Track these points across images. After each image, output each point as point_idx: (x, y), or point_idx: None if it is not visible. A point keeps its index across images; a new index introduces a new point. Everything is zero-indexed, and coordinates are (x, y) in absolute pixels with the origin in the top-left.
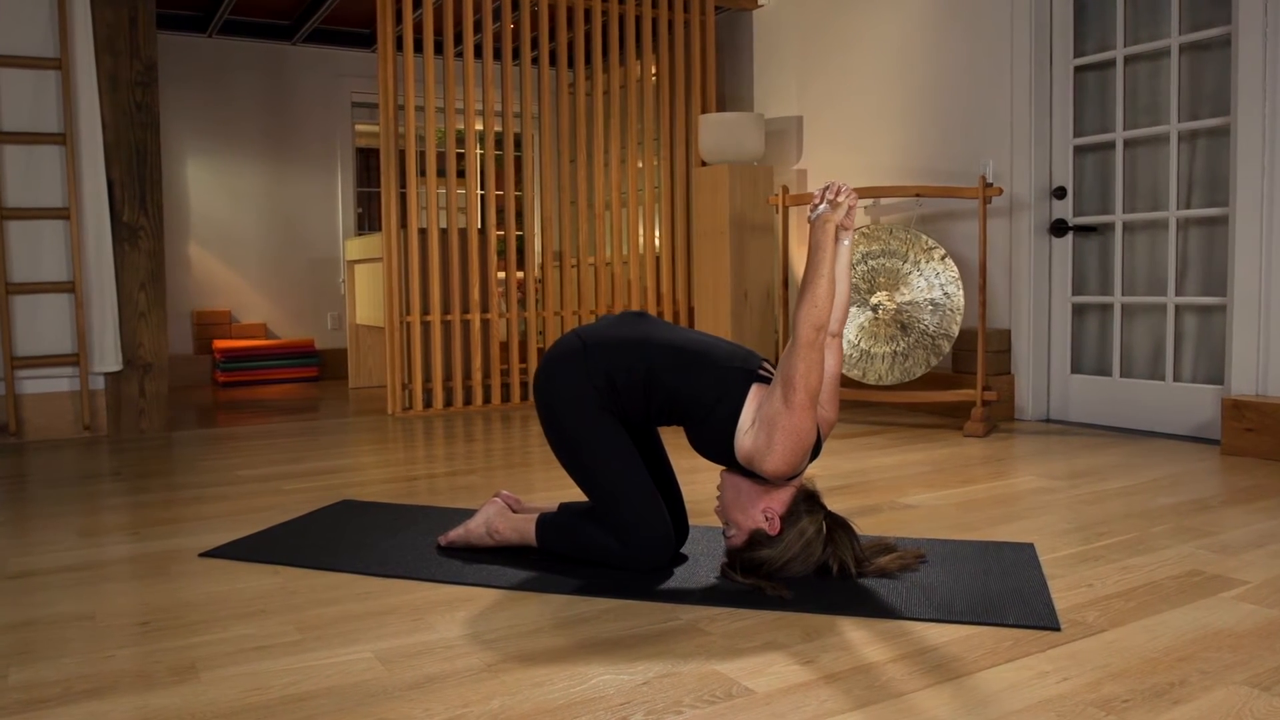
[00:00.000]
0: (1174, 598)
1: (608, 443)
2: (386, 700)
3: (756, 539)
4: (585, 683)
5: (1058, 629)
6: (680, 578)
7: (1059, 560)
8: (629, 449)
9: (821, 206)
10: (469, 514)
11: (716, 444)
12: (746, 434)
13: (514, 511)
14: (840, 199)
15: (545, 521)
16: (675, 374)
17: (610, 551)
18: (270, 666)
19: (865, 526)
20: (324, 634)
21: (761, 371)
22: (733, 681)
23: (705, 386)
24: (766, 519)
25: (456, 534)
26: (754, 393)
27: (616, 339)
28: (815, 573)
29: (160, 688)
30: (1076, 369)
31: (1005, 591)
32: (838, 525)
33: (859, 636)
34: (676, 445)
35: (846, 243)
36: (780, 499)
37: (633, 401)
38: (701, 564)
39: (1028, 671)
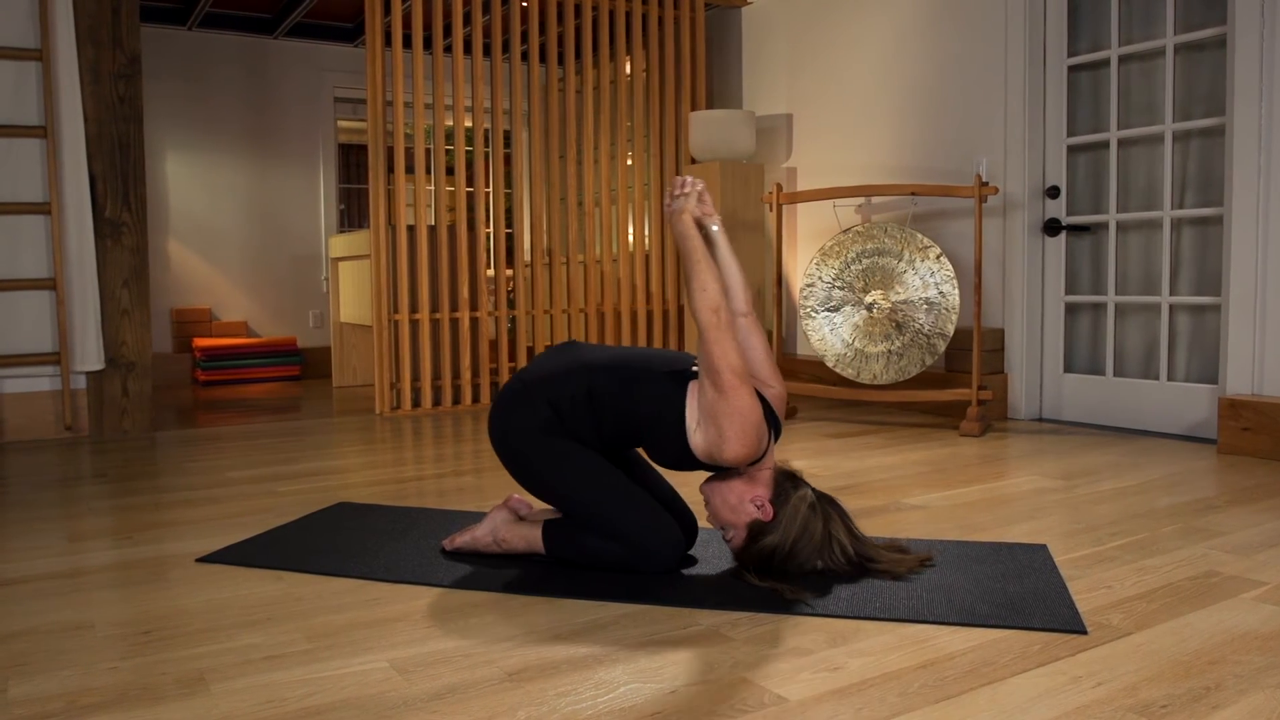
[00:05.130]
0: (1195, 599)
1: (580, 466)
2: (409, 712)
3: (755, 531)
4: (613, 692)
5: (1085, 632)
6: (694, 581)
7: (1073, 561)
8: (604, 465)
9: (674, 204)
10: (469, 516)
11: (675, 451)
12: (696, 432)
13: (520, 518)
14: (685, 190)
15: (552, 528)
16: (615, 392)
17: (620, 558)
18: (283, 677)
19: (872, 527)
20: (335, 642)
21: (694, 369)
22: (764, 689)
23: (646, 398)
24: (757, 508)
25: (463, 541)
26: (691, 391)
27: (551, 370)
28: (825, 570)
29: (169, 700)
30: (1069, 368)
31: (1025, 594)
32: (826, 499)
33: (885, 641)
34: None
35: (716, 228)
36: (763, 483)
37: (582, 426)
38: (713, 567)
39: (1061, 677)
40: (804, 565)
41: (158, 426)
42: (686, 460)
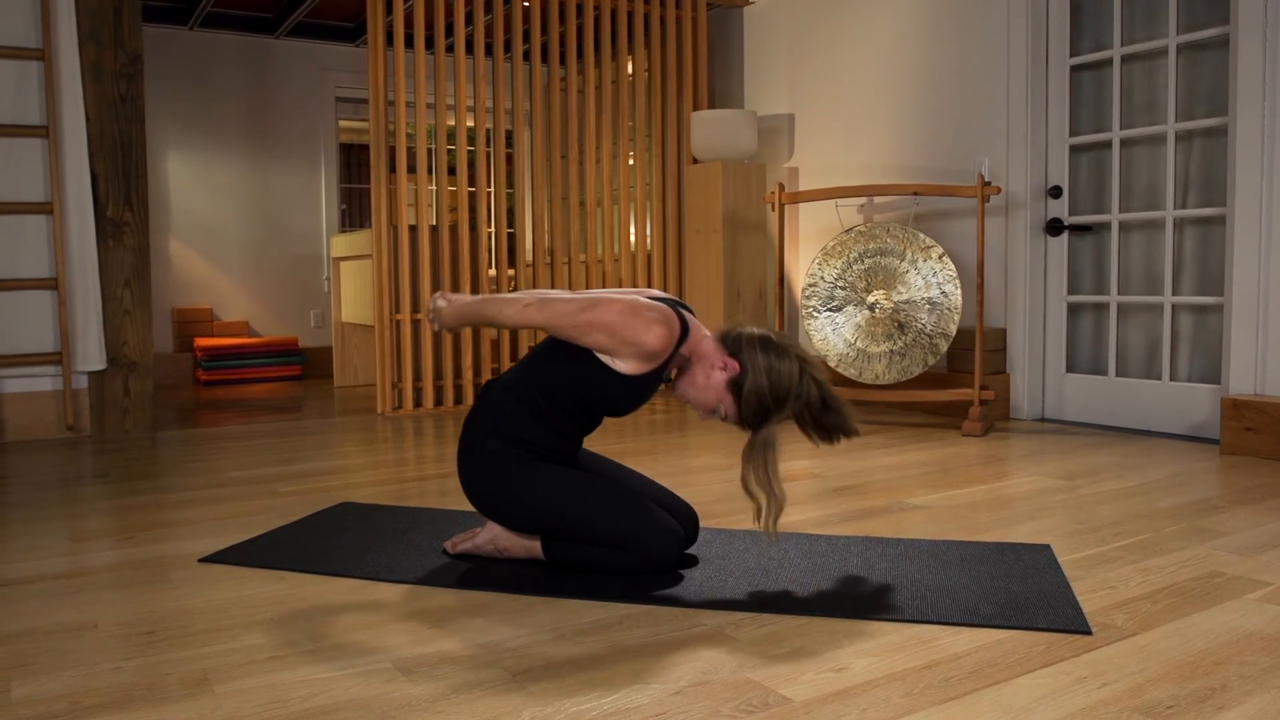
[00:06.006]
0: (1199, 600)
1: (560, 486)
2: (413, 713)
3: (735, 388)
4: (617, 692)
5: (1089, 633)
6: (698, 582)
7: (1077, 562)
8: (584, 478)
9: (435, 326)
10: (471, 517)
11: (625, 391)
12: (618, 363)
13: None
14: (432, 310)
15: (552, 538)
16: (537, 384)
17: (622, 564)
18: (286, 678)
19: (875, 527)
20: (339, 643)
21: None
22: (769, 690)
23: (565, 370)
24: (723, 369)
25: (464, 547)
26: None
27: (480, 409)
28: (813, 407)
29: (173, 701)
30: (1071, 368)
31: (1029, 594)
32: (772, 333)
33: (889, 641)
34: (672, 448)
35: (465, 298)
36: (710, 351)
37: (537, 436)
38: (717, 567)
39: (1065, 677)
40: (799, 398)
41: (159, 426)
42: (642, 388)
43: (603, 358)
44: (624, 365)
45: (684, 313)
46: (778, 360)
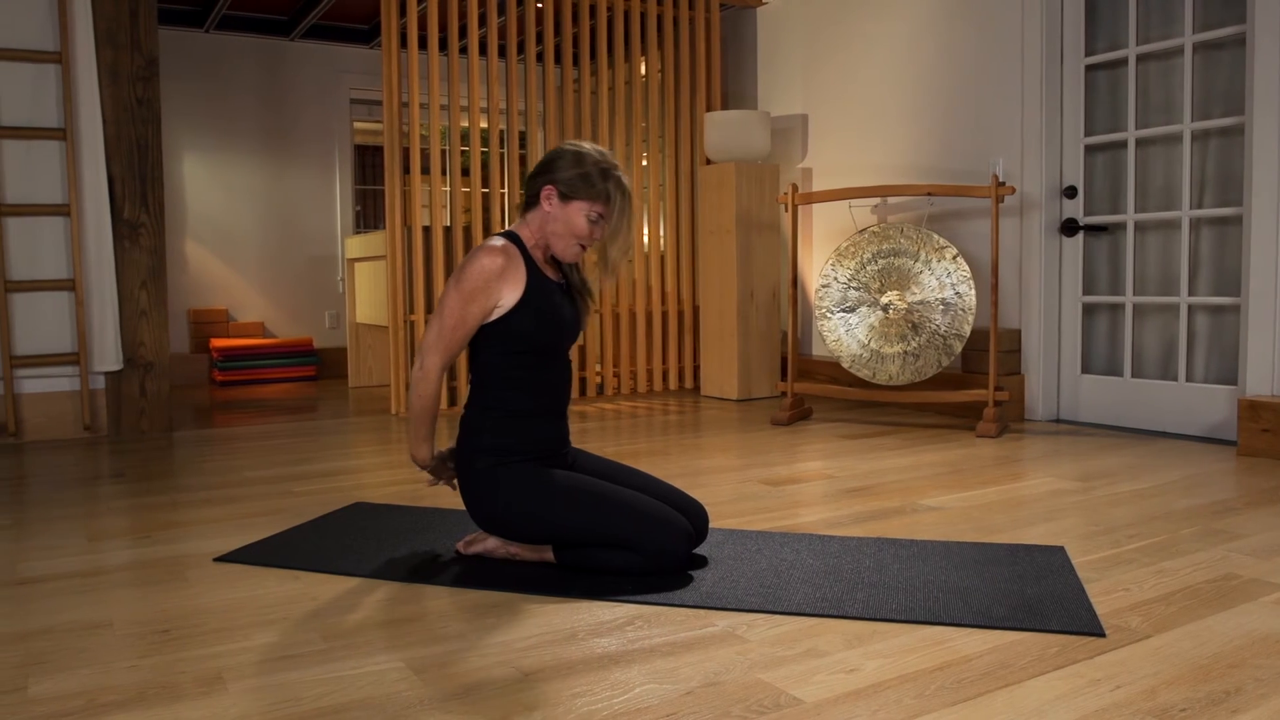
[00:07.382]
0: (1214, 602)
1: (557, 494)
2: (424, 712)
3: (567, 196)
4: (628, 693)
5: (1102, 635)
6: (709, 582)
7: (1091, 564)
8: (587, 482)
9: (433, 475)
10: None
11: (531, 312)
12: (505, 299)
13: None
14: (417, 463)
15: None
16: (478, 381)
17: (632, 564)
18: (299, 677)
19: (888, 528)
20: (351, 642)
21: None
22: (779, 691)
23: (484, 348)
24: (549, 203)
25: (476, 548)
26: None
27: (459, 437)
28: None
29: (188, 699)
30: (1087, 369)
31: (1043, 596)
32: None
33: (901, 643)
34: (685, 449)
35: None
36: (534, 215)
37: (507, 430)
38: (728, 568)
39: (1078, 680)
40: (593, 148)
41: (175, 426)
42: (544, 297)
43: (495, 313)
44: (508, 297)
45: (487, 242)
46: (551, 162)
